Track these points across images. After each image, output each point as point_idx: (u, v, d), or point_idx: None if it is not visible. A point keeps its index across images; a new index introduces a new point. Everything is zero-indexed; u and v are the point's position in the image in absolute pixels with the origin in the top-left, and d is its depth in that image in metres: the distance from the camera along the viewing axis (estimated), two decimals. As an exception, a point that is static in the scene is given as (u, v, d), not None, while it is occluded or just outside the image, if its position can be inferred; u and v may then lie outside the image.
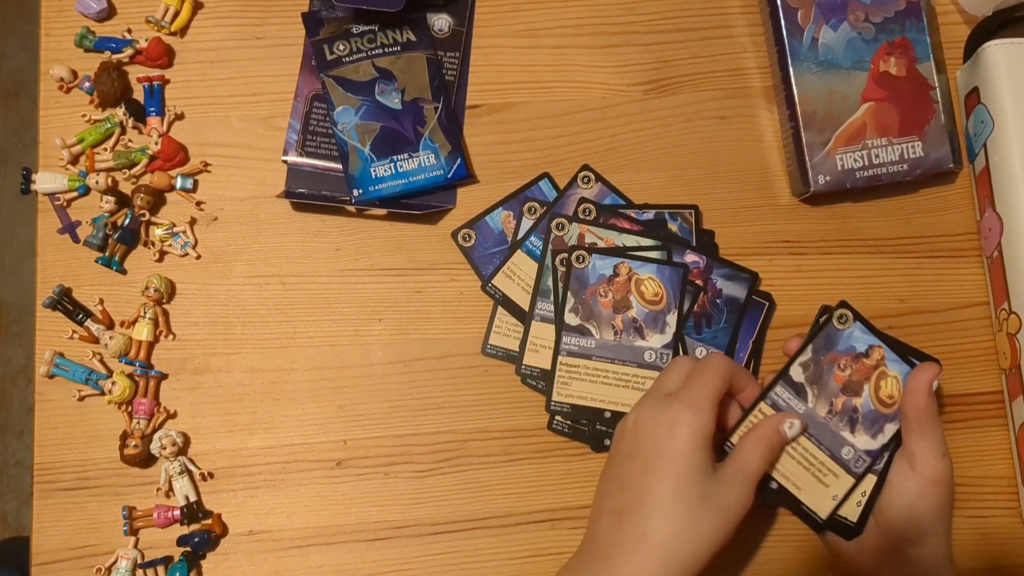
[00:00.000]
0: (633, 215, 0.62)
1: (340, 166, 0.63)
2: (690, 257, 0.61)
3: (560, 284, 0.60)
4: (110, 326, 0.61)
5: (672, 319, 0.59)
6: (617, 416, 0.58)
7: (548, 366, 0.60)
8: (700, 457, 0.48)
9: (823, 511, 0.54)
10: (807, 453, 0.54)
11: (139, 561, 0.59)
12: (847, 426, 0.54)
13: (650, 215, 0.62)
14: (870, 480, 0.54)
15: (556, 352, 0.59)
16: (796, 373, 0.55)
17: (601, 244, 0.61)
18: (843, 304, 0.55)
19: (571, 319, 0.59)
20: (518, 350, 0.61)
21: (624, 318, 0.59)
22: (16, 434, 1.42)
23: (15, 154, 1.49)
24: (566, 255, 0.60)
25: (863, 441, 0.54)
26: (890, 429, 0.54)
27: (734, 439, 0.54)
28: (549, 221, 0.62)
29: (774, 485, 0.54)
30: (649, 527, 0.47)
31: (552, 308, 0.60)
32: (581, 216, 0.61)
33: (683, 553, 0.47)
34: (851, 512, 0.55)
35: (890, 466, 0.54)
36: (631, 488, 0.49)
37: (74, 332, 0.61)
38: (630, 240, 0.61)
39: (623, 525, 0.48)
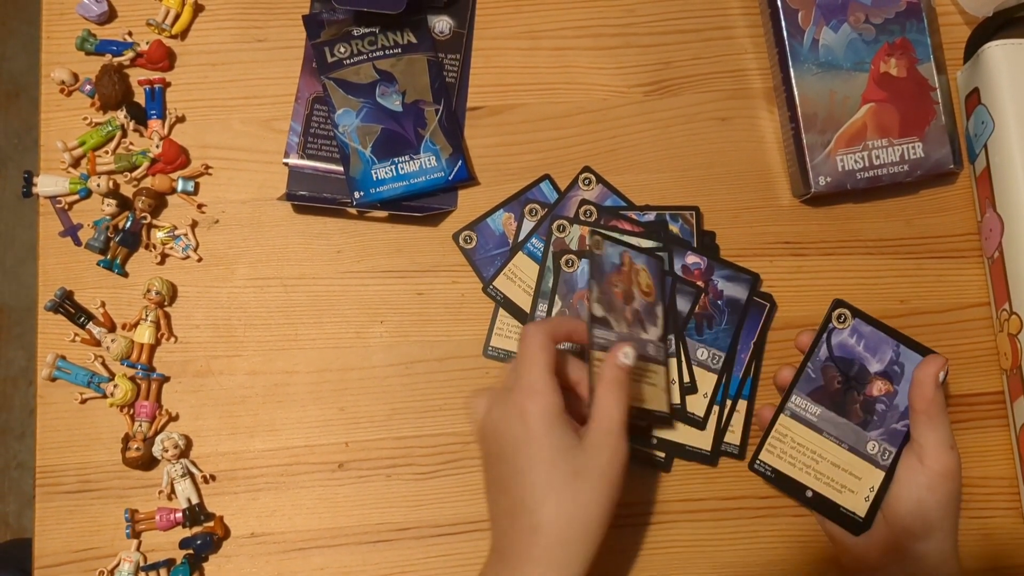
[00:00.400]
0: (634, 216, 0.62)
1: (341, 168, 0.63)
2: (691, 258, 0.61)
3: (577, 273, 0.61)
4: (112, 329, 0.61)
5: (660, 311, 0.59)
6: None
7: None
8: (558, 435, 0.48)
9: (860, 510, 0.55)
10: (833, 456, 0.55)
11: (141, 564, 0.59)
12: (639, 327, 0.56)
13: (651, 216, 0.62)
14: (877, 475, 0.55)
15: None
16: (597, 310, 0.55)
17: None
18: (840, 303, 0.56)
19: (597, 310, 0.56)
20: (516, 351, 0.61)
21: (631, 309, 0.59)
22: (17, 436, 1.42)
23: (15, 156, 1.49)
24: (590, 239, 0.60)
25: (653, 333, 0.56)
26: (659, 311, 0.58)
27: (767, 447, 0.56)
28: (550, 223, 0.62)
29: (809, 494, 0.55)
30: (538, 518, 0.47)
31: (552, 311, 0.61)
32: (582, 217, 0.61)
33: (576, 530, 0.48)
34: (859, 507, 0.55)
35: (898, 461, 0.54)
36: (510, 487, 0.49)
37: (76, 335, 0.61)
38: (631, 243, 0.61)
39: (516, 523, 0.48)
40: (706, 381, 0.60)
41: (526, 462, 0.48)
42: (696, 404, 0.60)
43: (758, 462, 0.57)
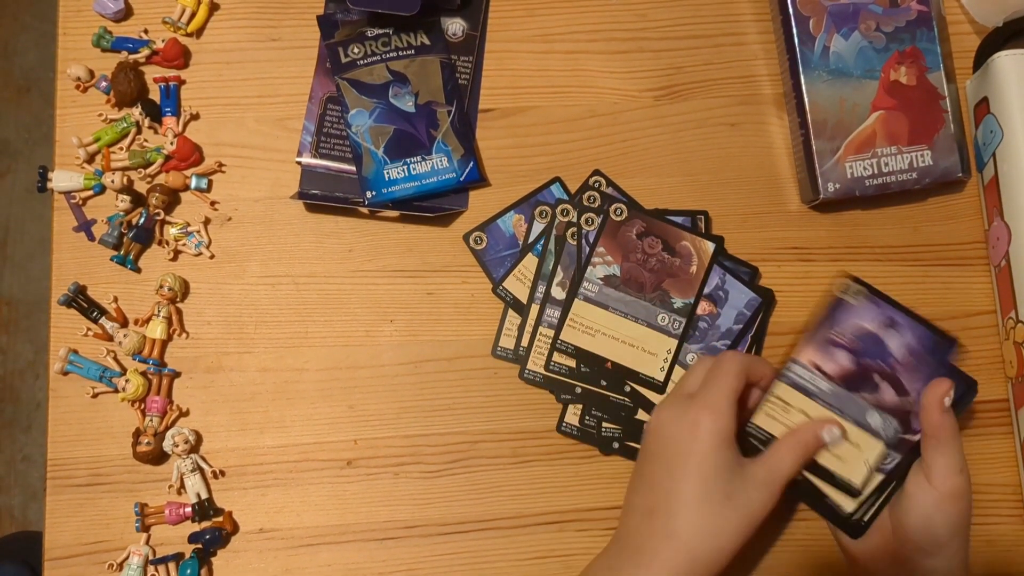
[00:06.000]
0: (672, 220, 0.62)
1: (353, 168, 0.63)
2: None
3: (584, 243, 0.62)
4: (124, 324, 0.62)
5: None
6: (619, 368, 0.60)
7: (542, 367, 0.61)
8: (723, 456, 0.50)
9: (858, 478, 0.55)
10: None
11: (151, 557, 0.59)
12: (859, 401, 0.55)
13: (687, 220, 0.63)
14: (875, 477, 0.55)
15: (572, 295, 0.60)
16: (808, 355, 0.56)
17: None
18: (847, 276, 0.57)
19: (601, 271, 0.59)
20: (517, 333, 0.62)
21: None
22: (24, 429, 1.42)
23: (25, 150, 1.50)
24: (606, 207, 0.60)
25: (873, 419, 0.55)
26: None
27: (756, 420, 0.55)
28: (554, 208, 0.62)
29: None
30: (676, 525, 0.49)
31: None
32: (613, 216, 0.62)
33: (708, 550, 0.49)
34: (861, 510, 0.55)
35: (907, 474, 0.54)
36: (658, 487, 0.51)
37: (88, 330, 0.61)
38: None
39: (652, 523, 0.50)
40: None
41: (682, 470, 0.50)
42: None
43: (749, 424, 0.56)
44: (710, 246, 0.61)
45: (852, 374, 0.55)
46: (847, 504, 0.55)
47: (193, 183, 0.63)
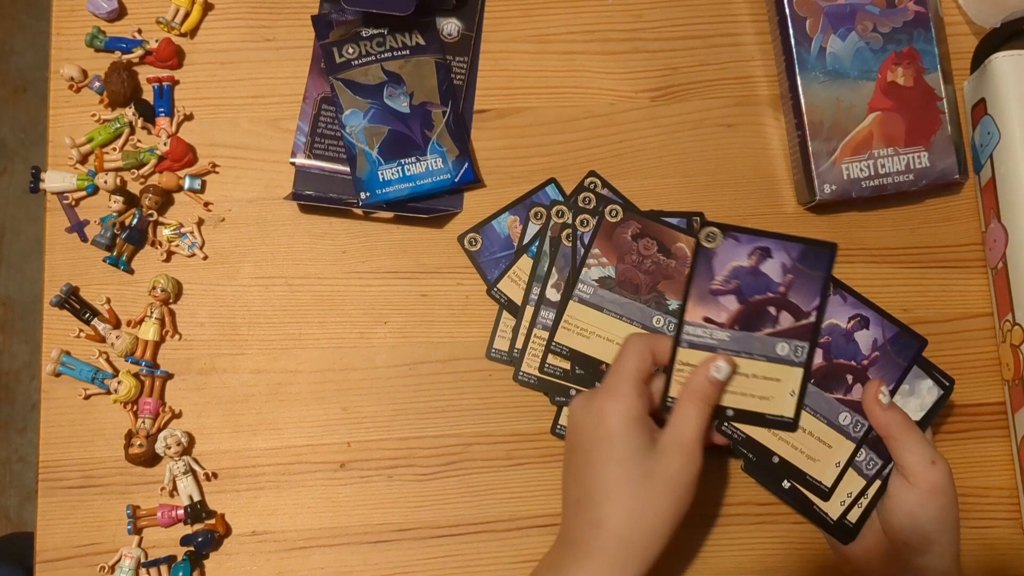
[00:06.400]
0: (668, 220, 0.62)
1: (348, 169, 0.63)
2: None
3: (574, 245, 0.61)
4: (117, 325, 0.61)
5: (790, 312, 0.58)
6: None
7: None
8: (633, 437, 0.50)
9: (828, 479, 0.55)
10: (804, 423, 0.55)
11: (142, 560, 0.59)
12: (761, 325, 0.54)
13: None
14: (857, 481, 0.54)
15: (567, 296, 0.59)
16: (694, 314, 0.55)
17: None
18: (705, 222, 0.55)
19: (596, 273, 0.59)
20: (511, 335, 0.62)
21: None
22: (19, 430, 1.42)
23: (21, 151, 1.49)
24: (600, 208, 0.60)
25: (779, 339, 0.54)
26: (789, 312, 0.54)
27: (671, 392, 0.54)
28: (549, 209, 0.62)
29: (776, 459, 0.55)
30: (601, 514, 0.49)
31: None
32: (608, 218, 0.62)
33: (638, 531, 0.49)
34: (851, 514, 0.55)
35: (889, 476, 0.54)
36: (580, 479, 0.51)
37: (81, 331, 0.61)
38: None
39: (582, 515, 0.50)
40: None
41: (597, 458, 0.50)
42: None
43: (668, 399, 0.54)
44: None
45: (745, 314, 0.54)
46: (832, 510, 0.55)
47: (186, 184, 0.63)
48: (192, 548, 0.59)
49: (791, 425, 0.54)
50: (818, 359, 0.55)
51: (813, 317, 0.54)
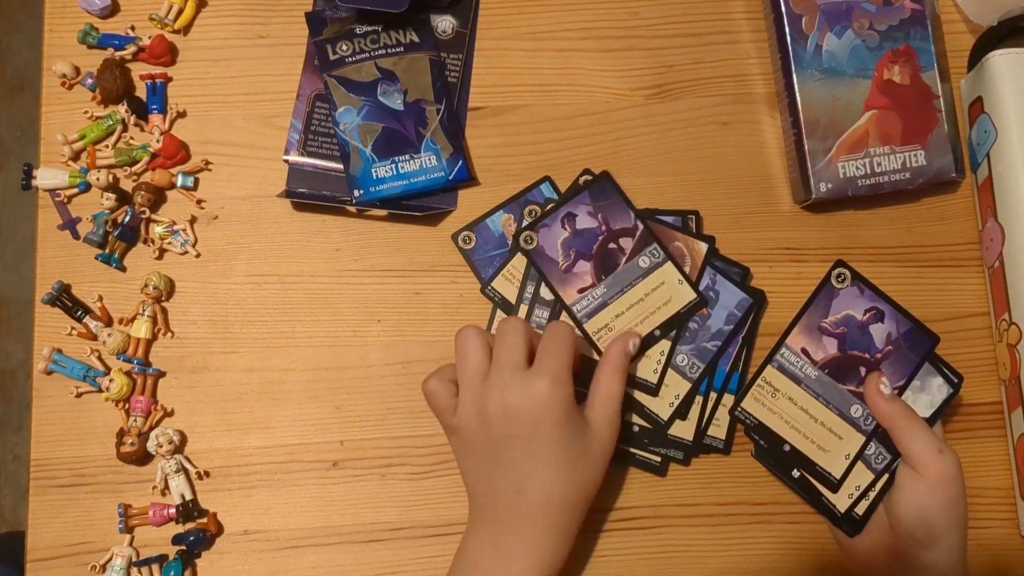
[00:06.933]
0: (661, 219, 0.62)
1: (341, 166, 0.63)
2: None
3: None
4: (109, 323, 0.61)
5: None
6: None
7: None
8: (573, 422, 0.53)
9: (837, 471, 0.55)
10: (816, 413, 0.55)
11: (134, 559, 0.59)
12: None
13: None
14: (866, 475, 0.54)
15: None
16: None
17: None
18: (840, 263, 0.57)
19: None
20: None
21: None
22: (15, 429, 1.42)
23: (17, 149, 1.49)
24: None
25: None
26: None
27: (745, 405, 0.56)
28: (521, 208, 0.63)
29: (787, 448, 0.55)
30: (550, 493, 0.52)
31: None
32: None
33: (579, 499, 0.53)
34: (859, 507, 0.55)
35: (897, 469, 0.54)
36: (521, 464, 0.52)
37: (73, 329, 0.61)
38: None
39: (524, 498, 0.52)
40: (690, 376, 0.60)
41: (542, 444, 0.52)
42: (672, 391, 0.60)
43: (740, 409, 0.57)
44: (703, 246, 0.61)
45: (838, 362, 0.55)
46: (840, 503, 0.55)
47: (179, 181, 0.62)
48: (184, 547, 0.58)
49: (835, 485, 0.56)
50: (832, 349, 0.55)
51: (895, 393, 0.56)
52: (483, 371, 0.53)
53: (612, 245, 0.60)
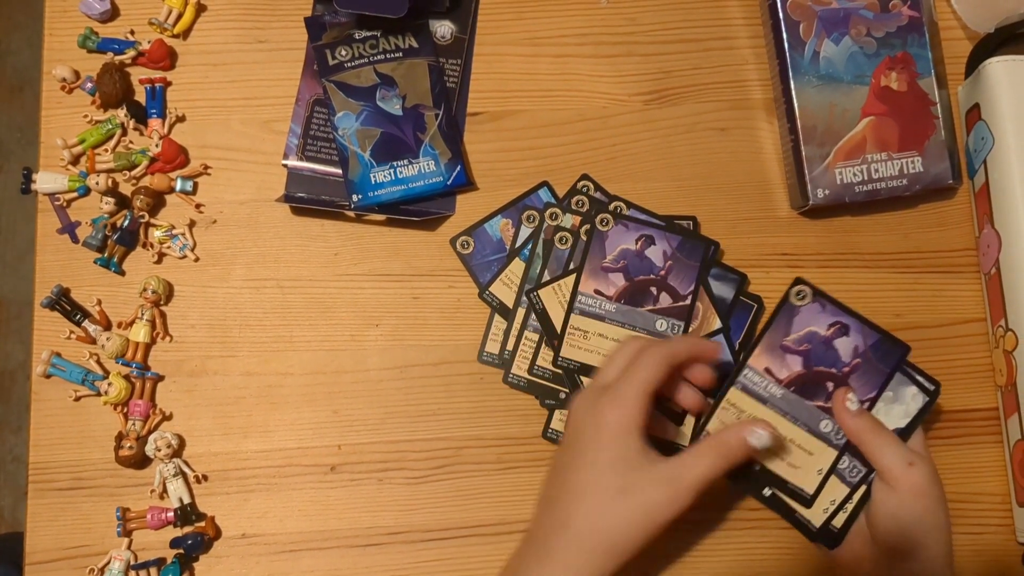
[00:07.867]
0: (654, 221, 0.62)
1: (340, 171, 0.63)
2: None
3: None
4: (107, 327, 0.61)
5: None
6: None
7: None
8: (622, 447, 0.49)
9: (810, 487, 0.55)
10: (785, 431, 0.55)
11: (132, 562, 0.59)
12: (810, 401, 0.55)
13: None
14: (841, 489, 0.54)
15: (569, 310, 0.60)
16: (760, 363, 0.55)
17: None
18: (799, 280, 0.55)
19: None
20: (502, 338, 0.62)
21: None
22: (14, 430, 1.42)
23: (18, 150, 1.49)
24: (593, 215, 0.60)
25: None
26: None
27: (709, 427, 0.55)
28: (520, 213, 0.62)
29: (757, 467, 0.55)
30: (568, 514, 0.49)
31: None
32: (599, 227, 0.62)
33: (599, 542, 0.48)
34: (836, 519, 0.55)
35: (872, 482, 0.54)
36: (560, 476, 0.51)
37: (71, 332, 0.61)
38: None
39: (552, 513, 0.50)
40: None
41: (582, 459, 0.50)
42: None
43: (705, 432, 0.55)
44: (717, 322, 0.61)
45: (804, 379, 0.55)
46: (815, 518, 0.55)
47: (178, 185, 0.63)
48: (182, 551, 0.59)
49: (808, 501, 0.55)
50: (797, 367, 0.55)
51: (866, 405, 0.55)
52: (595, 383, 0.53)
53: (652, 289, 0.59)
